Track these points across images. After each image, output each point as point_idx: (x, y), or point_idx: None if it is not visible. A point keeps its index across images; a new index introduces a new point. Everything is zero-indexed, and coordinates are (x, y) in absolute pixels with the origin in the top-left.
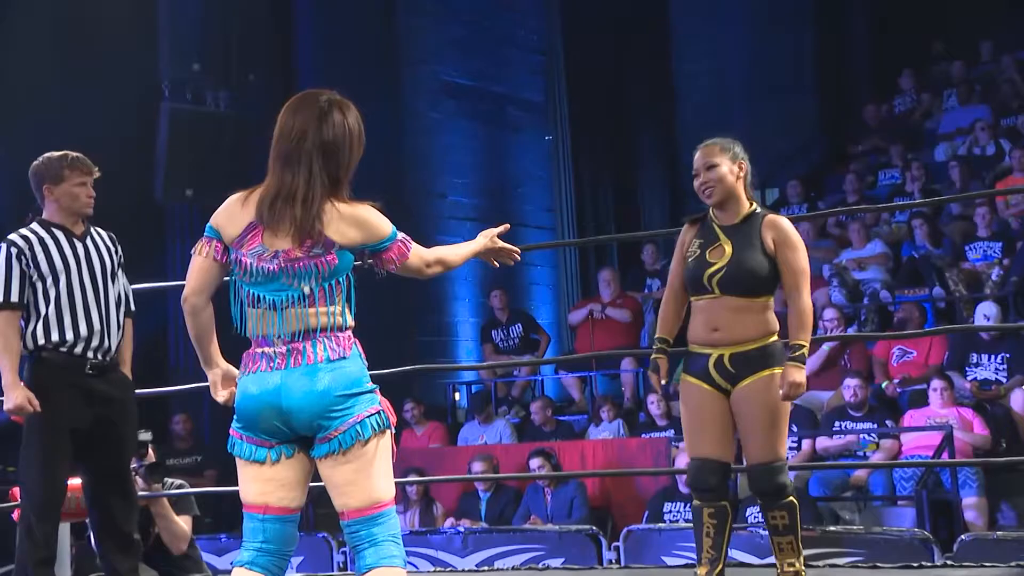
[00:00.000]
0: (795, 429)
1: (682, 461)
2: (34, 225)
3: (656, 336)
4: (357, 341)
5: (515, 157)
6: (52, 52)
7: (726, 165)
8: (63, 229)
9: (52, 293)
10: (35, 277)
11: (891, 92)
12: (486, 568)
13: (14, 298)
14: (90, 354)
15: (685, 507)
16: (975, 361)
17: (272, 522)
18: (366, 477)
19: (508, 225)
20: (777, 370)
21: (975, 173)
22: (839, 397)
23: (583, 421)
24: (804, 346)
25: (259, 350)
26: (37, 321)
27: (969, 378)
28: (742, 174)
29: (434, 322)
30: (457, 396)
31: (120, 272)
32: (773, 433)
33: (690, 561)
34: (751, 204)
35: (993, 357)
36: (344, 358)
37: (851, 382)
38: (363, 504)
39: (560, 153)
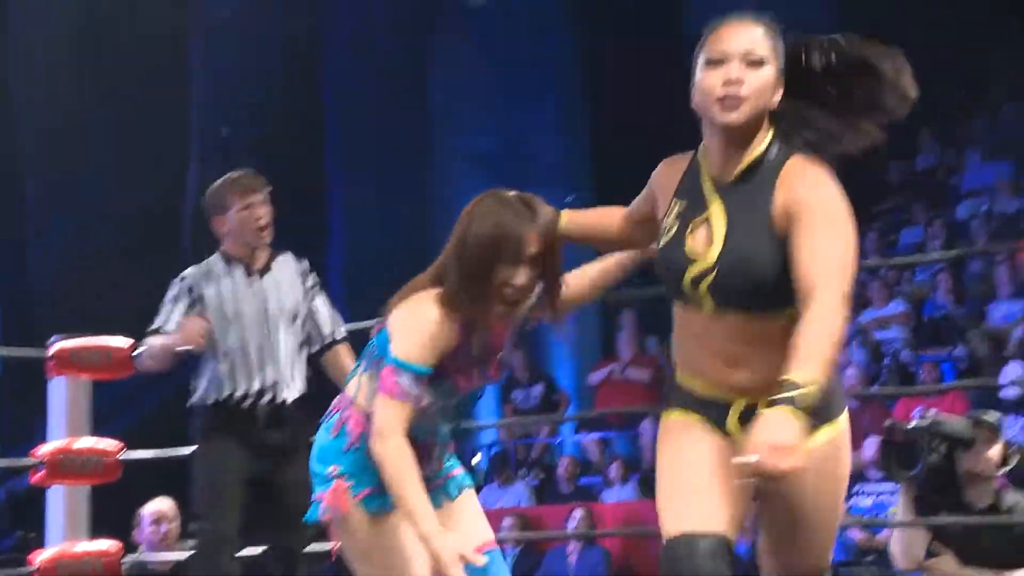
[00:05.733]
0: None
1: None
2: (213, 259)
3: None
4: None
5: None
6: (94, 120)
7: (772, 68)
8: (243, 263)
9: (221, 347)
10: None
11: (914, 149)
12: None
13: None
14: (259, 410)
15: None
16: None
17: None
18: None
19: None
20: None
21: (997, 232)
22: (857, 460)
23: (600, 484)
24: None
25: None
26: (204, 378)
27: None
28: (777, 96)
29: None
30: (477, 458)
31: (318, 298)
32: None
33: None
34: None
35: (1018, 418)
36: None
37: (874, 440)
38: None
39: None
